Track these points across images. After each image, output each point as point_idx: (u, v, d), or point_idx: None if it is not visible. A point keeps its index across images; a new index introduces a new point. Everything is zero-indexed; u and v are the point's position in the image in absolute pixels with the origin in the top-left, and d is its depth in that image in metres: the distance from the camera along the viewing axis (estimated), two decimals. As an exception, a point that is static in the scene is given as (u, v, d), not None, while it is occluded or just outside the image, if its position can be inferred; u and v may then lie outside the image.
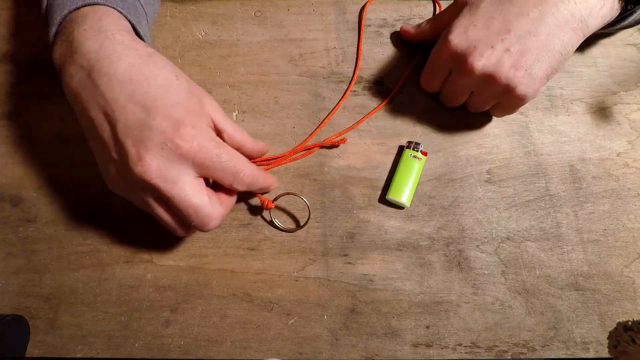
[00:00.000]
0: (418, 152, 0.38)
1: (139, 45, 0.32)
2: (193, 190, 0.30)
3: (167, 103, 0.30)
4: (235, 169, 0.32)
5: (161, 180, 0.29)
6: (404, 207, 0.38)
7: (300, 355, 0.35)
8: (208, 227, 0.32)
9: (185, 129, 0.29)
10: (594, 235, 0.38)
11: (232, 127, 0.34)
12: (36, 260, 0.36)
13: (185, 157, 0.29)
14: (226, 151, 0.31)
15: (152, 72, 0.30)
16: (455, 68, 0.36)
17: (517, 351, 0.35)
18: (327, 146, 0.39)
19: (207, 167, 0.30)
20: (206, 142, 0.30)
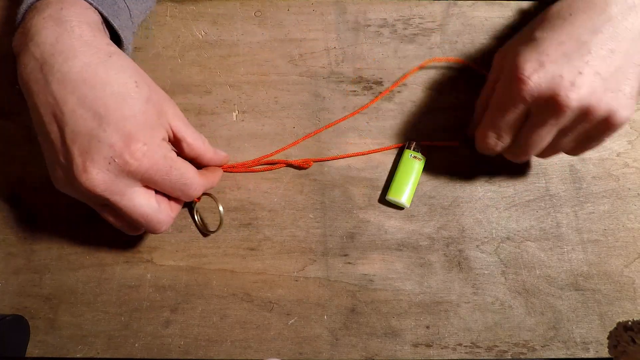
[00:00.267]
0: (418, 152, 0.38)
1: (100, 43, 0.30)
2: (141, 200, 0.30)
3: (121, 114, 0.28)
4: (184, 185, 0.31)
5: (108, 192, 0.29)
6: (404, 208, 0.38)
7: (300, 355, 0.35)
8: (159, 232, 0.32)
9: (136, 145, 0.28)
10: (594, 235, 0.38)
11: (193, 136, 0.33)
12: (36, 260, 0.36)
13: (133, 174, 0.29)
14: (177, 167, 0.30)
15: (109, 76, 0.29)
16: (540, 110, 0.30)
17: (517, 351, 0.35)
18: (294, 166, 0.39)
19: (154, 183, 0.30)
20: (157, 160, 0.29)
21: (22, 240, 0.37)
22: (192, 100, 0.40)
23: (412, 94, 0.41)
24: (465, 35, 0.43)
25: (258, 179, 0.39)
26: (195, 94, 0.41)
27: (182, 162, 0.31)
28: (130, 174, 0.28)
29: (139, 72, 0.31)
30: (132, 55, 0.41)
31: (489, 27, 0.43)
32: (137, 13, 0.37)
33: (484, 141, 0.34)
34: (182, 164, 0.31)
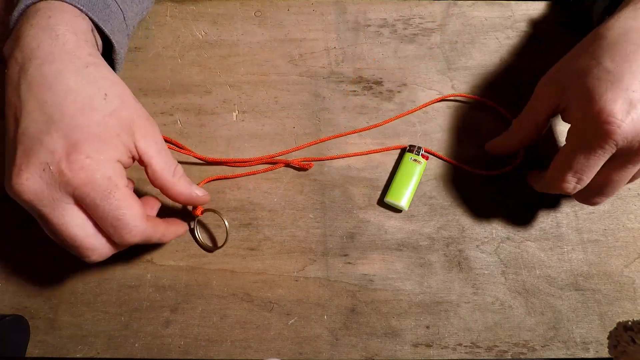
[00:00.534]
0: (419, 155, 0.38)
1: (81, 53, 0.29)
2: (74, 219, 0.27)
3: (74, 122, 0.27)
4: (117, 222, 0.27)
5: (36, 201, 0.26)
6: (402, 210, 0.38)
7: (300, 355, 0.35)
8: (88, 259, 0.29)
9: (77, 156, 0.26)
10: (594, 235, 0.38)
11: (161, 163, 0.30)
12: (36, 260, 0.36)
13: (66, 186, 0.26)
14: (116, 197, 0.27)
15: (76, 85, 0.28)
16: (629, 152, 0.29)
17: (517, 351, 0.35)
18: (293, 166, 0.39)
19: (87, 205, 0.27)
20: (95, 178, 0.26)
21: (22, 241, 0.37)
22: (192, 100, 0.40)
23: (412, 94, 0.41)
24: (465, 35, 0.43)
25: (258, 179, 0.39)
26: (195, 94, 0.41)
27: (127, 195, 0.28)
28: (63, 185, 0.26)
29: (116, 85, 0.29)
30: (132, 55, 0.41)
31: (489, 27, 0.43)
32: (132, 15, 0.37)
33: (560, 185, 0.31)
34: (125, 197, 0.28)
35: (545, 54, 0.42)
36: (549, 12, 0.43)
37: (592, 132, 0.28)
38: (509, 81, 0.41)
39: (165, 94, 0.40)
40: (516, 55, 0.42)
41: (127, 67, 0.41)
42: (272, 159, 0.39)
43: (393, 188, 0.38)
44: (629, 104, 0.28)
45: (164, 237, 0.32)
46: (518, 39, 0.43)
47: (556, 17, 0.43)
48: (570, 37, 0.42)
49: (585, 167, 0.30)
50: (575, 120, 0.31)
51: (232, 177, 0.38)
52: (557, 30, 0.43)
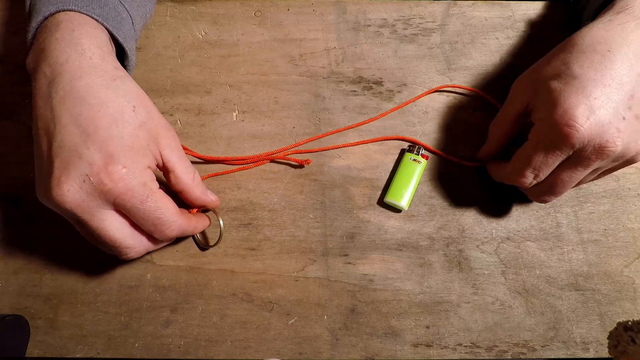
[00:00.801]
0: (419, 155, 0.38)
1: (108, 67, 0.30)
2: (113, 224, 0.30)
3: (108, 134, 0.28)
4: (157, 220, 0.30)
5: (78, 210, 0.28)
6: (402, 211, 0.38)
7: (300, 355, 0.35)
8: (126, 257, 0.32)
9: (115, 167, 0.28)
10: (594, 235, 0.38)
11: (183, 169, 0.32)
12: (36, 260, 0.36)
13: (106, 195, 0.28)
14: (153, 199, 0.30)
15: (107, 98, 0.29)
16: (583, 154, 0.30)
17: (517, 351, 0.35)
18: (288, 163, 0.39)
19: (128, 210, 0.29)
20: (133, 185, 0.29)
21: (22, 240, 0.37)
22: (192, 100, 0.40)
23: (412, 94, 0.41)
24: (465, 35, 0.43)
25: (258, 179, 0.39)
26: (195, 94, 0.41)
27: (163, 197, 0.31)
28: (103, 194, 0.28)
29: (141, 98, 0.31)
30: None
31: (489, 27, 0.43)
32: (139, 19, 0.37)
33: (518, 179, 0.33)
34: (161, 198, 0.30)
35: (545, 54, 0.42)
36: (549, 12, 0.43)
37: (554, 133, 0.30)
38: (508, 81, 0.41)
39: (165, 94, 0.40)
40: (516, 55, 0.42)
41: (127, 67, 0.41)
42: (269, 156, 0.39)
43: (393, 188, 0.38)
44: (590, 109, 0.29)
45: (195, 229, 0.34)
46: (518, 39, 0.43)
47: (556, 17, 0.43)
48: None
49: (543, 164, 0.32)
50: (539, 120, 0.32)
51: (229, 172, 0.39)
52: (557, 30, 0.43)
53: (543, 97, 0.31)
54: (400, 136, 0.40)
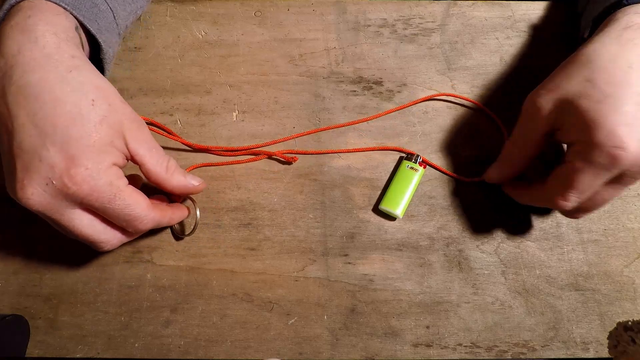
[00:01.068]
0: (416, 163, 0.38)
1: (63, 56, 0.28)
2: (83, 222, 0.29)
3: (67, 134, 0.27)
4: (128, 217, 0.30)
5: (46, 211, 0.28)
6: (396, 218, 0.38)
7: (300, 355, 0.35)
8: (102, 250, 0.31)
9: (77, 169, 0.27)
10: (594, 235, 0.38)
11: (154, 162, 0.31)
12: (36, 260, 0.36)
13: (72, 197, 0.27)
14: (121, 197, 0.29)
15: (63, 94, 0.27)
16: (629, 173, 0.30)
17: (517, 351, 0.35)
18: (276, 158, 0.39)
19: (96, 209, 0.29)
20: (98, 186, 0.28)
21: (22, 241, 0.37)
22: (192, 100, 0.40)
23: (412, 94, 0.41)
24: (465, 35, 0.43)
25: (258, 178, 0.39)
26: (195, 94, 0.41)
27: (131, 193, 0.30)
28: (69, 197, 0.27)
29: (101, 89, 0.29)
30: (132, 55, 0.41)
31: (489, 27, 0.43)
32: (124, 14, 0.36)
33: (560, 202, 0.32)
34: (130, 195, 0.29)
35: (545, 54, 0.42)
36: (549, 12, 0.43)
37: (603, 156, 0.29)
38: (509, 81, 0.42)
39: (165, 94, 0.40)
40: (516, 55, 0.42)
41: (127, 67, 0.41)
42: (257, 149, 0.39)
43: (388, 196, 0.38)
44: (632, 128, 0.29)
45: (172, 220, 0.34)
46: (518, 39, 0.43)
47: (556, 17, 0.43)
48: (570, 36, 0.42)
49: (589, 187, 0.31)
50: (578, 142, 0.31)
51: (220, 164, 0.39)
52: (557, 30, 0.43)
53: (575, 118, 0.30)
54: (399, 147, 0.40)
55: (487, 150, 0.40)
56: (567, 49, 0.34)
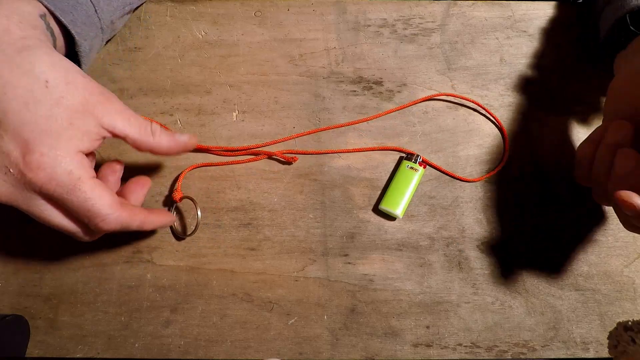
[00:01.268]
0: (416, 163, 0.38)
1: (12, 38, 0.26)
2: (52, 212, 0.28)
3: (21, 120, 0.26)
4: (88, 213, 0.28)
5: (12, 202, 0.27)
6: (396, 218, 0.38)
7: (300, 355, 0.35)
8: (82, 240, 0.30)
9: (32, 155, 0.26)
10: (594, 235, 0.38)
11: (136, 131, 0.29)
12: (36, 260, 0.36)
13: (30, 185, 0.26)
14: (82, 190, 0.27)
15: (12, 76, 0.26)
16: None
17: (517, 351, 0.35)
18: (276, 158, 0.39)
19: (55, 199, 0.27)
20: (56, 175, 0.26)
21: (22, 241, 0.37)
22: (192, 100, 0.40)
23: (412, 94, 0.41)
24: (465, 35, 0.43)
25: (258, 178, 0.39)
26: (195, 94, 0.41)
27: (94, 186, 0.28)
28: (28, 185, 0.26)
29: (57, 68, 0.27)
30: (132, 55, 0.41)
31: (489, 27, 0.43)
32: (110, 9, 0.35)
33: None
34: (92, 188, 0.27)
35: (546, 53, 0.42)
36: (549, 12, 0.43)
37: None
38: (509, 81, 0.42)
39: (165, 94, 0.40)
40: (516, 55, 0.42)
41: (127, 67, 0.41)
42: (257, 150, 0.39)
43: (388, 196, 0.38)
44: None
45: (143, 225, 0.31)
46: (518, 39, 0.43)
47: (556, 17, 0.43)
48: (571, 36, 0.42)
49: None
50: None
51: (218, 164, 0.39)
52: (557, 30, 0.43)
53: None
54: (400, 147, 0.40)
55: (487, 150, 0.40)
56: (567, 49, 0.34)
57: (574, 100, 0.41)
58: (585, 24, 0.43)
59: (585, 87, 0.42)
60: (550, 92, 0.42)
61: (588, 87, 0.42)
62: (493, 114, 0.40)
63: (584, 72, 0.42)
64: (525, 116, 0.41)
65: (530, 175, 0.39)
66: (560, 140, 0.40)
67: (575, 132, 0.41)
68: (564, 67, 0.42)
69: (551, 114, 0.41)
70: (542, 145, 0.40)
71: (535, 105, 0.41)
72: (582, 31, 0.42)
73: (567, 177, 0.39)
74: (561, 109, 0.41)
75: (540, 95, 0.41)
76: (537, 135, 0.40)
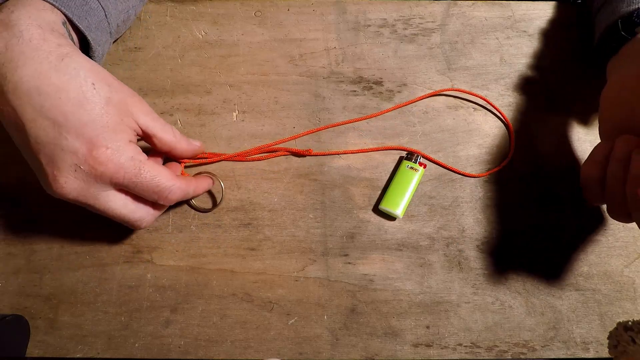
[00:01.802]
0: (416, 163, 0.38)
1: (50, 46, 0.28)
2: (117, 203, 0.30)
3: (80, 120, 0.28)
4: (157, 188, 0.31)
5: (81, 197, 0.29)
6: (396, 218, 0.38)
7: (300, 355, 0.35)
8: (139, 228, 0.33)
9: (99, 150, 0.28)
10: (594, 235, 0.38)
11: (161, 129, 0.32)
12: (36, 260, 0.36)
13: (101, 178, 0.29)
14: (147, 170, 0.30)
15: (62, 82, 0.28)
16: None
17: (517, 351, 0.35)
18: (294, 153, 0.39)
19: (126, 186, 0.30)
20: (122, 163, 0.29)
21: (22, 240, 0.37)
22: (192, 100, 0.40)
23: (412, 94, 0.41)
24: (465, 35, 0.43)
25: (258, 179, 0.39)
26: (195, 94, 0.41)
27: (154, 165, 0.31)
28: (98, 178, 0.29)
29: (96, 72, 0.30)
30: (132, 55, 0.41)
31: (489, 27, 0.43)
32: (116, 12, 0.36)
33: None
34: (154, 166, 0.31)
35: (545, 53, 0.42)
36: (549, 12, 0.43)
37: None
38: (509, 81, 0.42)
39: (165, 94, 0.40)
40: (516, 55, 0.42)
41: (127, 67, 0.41)
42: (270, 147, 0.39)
43: (388, 196, 0.38)
44: None
45: (198, 189, 0.35)
46: (518, 39, 0.43)
47: (556, 17, 0.43)
48: (571, 36, 0.42)
49: None
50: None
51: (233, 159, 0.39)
52: (557, 30, 0.43)
53: None
54: (400, 146, 0.40)
55: (487, 150, 0.40)
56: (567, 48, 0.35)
57: (574, 100, 0.41)
58: (584, 24, 0.43)
59: (585, 87, 0.42)
60: (550, 92, 0.42)
61: (588, 87, 0.42)
62: (498, 108, 0.40)
63: (584, 72, 0.42)
64: (525, 116, 0.41)
65: (531, 175, 0.39)
66: (560, 140, 0.40)
67: (575, 132, 0.41)
68: (564, 67, 0.42)
69: (551, 113, 0.41)
70: (542, 145, 0.40)
71: (535, 105, 0.41)
72: (581, 32, 0.43)
73: (567, 177, 0.39)
74: (561, 109, 0.41)
75: (540, 95, 0.41)
76: (537, 135, 0.40)
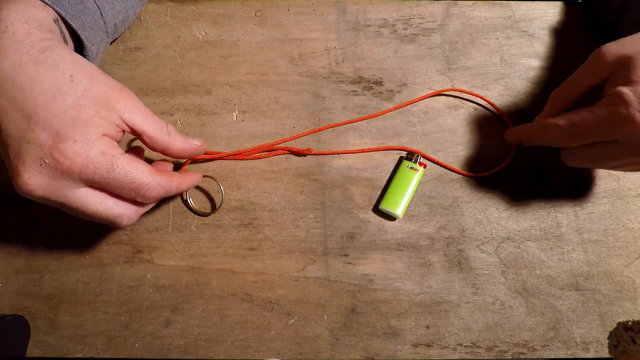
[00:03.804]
0: (416, 163, 0.38)
1: (34, 39, 0.28)
2: (90, 199, 0.28)
3: (49, 111, 0.27)
4: (132, 185, 0.29)
5: (48, 195, 0.27)
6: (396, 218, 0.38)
7: (300, 355, 0.35)
8: (121, 227, 0.31)
9: (65, 143, 0.26)
10: (594, 235, 0.38)
11: (154, 128, 0.30)
12: (36, 260, 0.36)
13: (68, 173, 0.27)
14: (120, 165, 0.28)
15: (38, 74, 0.27)
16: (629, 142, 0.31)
17: (517, 351, 0.35)
18: (294, 152, 0.39)
19: (99, 183, 0.28)
20: (93, 157, 0.27)
21: (22, 240, 0.37)
22: (192, 100, 0.40)
23: (412, 94, 0.41)
24: (465, 35, 0.43)
25: (258, 179, 0.39)
26: (195, 94, 0.41)
27: (130, 160, 0.29)
28: (65, 173, 0.27)
29: (79, 65, 0.29)
30: (132, 55, 0.41)
31: (489, 27, 0.43)
32: (114, 13, 0.36)
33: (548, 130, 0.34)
34: (129, 162, 0.29)
35: (546, 53, 0.42)
36: (549, 11, 0.43)
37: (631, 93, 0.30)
38: (509, 81, 0.42)
39: (165, 94, 0.40)
40: (517, 55, 0.42)
41: (127, 67, 0.41)
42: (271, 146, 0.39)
43: (388, 196, 0.38)
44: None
45: (180, 185, 0.33)
46: (518, 39, 0.43)
47: (557, 16, 0.43)
48: (570, 36, 0.42)
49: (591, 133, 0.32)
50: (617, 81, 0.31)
51: (233, 158, 0.39)
52: (558, 30, 0.43)
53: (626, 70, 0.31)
54: (400, 146, 0.40)
55: (488, 150, 0.40)
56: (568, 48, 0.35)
57: (574, 100, 0.41)
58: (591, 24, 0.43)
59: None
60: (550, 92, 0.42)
61: (588, 87, 0.42)
62: (498, 108, 0.40)
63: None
64: (525, 116, 0.41)
65: (531, 175, 0.39)
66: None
67: (576, 132, 0.41)
68: (564, 67, 0.42)
69: (551, 114, 0.41)
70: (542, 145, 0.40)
71: (535, 105, 0.41)
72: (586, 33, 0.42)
73: (567, 177, 0.39)
74: (561, 109, 0.41)
75: (540, 95, 0.41)
76: (537, 135, 0.40)
